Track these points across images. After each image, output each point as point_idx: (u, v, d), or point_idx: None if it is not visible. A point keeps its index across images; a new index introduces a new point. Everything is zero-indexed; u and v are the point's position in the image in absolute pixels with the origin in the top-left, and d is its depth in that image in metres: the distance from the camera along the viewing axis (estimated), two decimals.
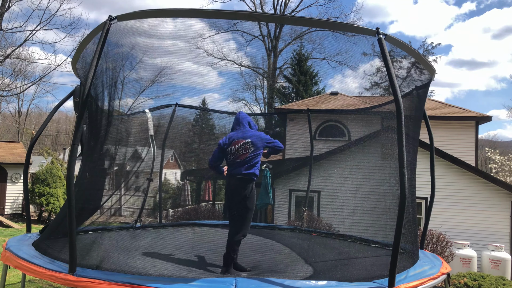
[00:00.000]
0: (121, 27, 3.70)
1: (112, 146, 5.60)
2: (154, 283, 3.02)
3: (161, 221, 7.35)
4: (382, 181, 4.92)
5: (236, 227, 4.25)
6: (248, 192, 4.24)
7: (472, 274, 8.05)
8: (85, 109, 3.79)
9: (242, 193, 4.22)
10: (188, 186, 13.19)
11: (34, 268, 3.44)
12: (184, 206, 12.43)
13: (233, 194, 4.30)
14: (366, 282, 3.26)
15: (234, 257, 4.25)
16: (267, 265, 4.21)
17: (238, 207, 4.26)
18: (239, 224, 4.24)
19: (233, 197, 4.30)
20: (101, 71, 4.22)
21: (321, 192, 10.46)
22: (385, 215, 4.55)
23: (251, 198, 4.27)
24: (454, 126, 14.30)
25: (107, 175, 5.57)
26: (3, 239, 10.29)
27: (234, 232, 4.23)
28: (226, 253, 4.19)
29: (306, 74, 23.56)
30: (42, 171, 16.19)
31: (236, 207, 4.28)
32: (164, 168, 7.52)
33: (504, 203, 11.02)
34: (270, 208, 12.45)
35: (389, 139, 4.83)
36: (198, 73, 5.14)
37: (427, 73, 4.62)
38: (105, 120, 4.59)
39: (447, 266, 4.27)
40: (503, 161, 22.67)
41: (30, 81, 24.15)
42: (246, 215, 4.24)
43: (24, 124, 36.94)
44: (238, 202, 4.25)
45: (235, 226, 4.28)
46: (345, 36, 4.10)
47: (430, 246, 9.16)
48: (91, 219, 5.24)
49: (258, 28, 25.43)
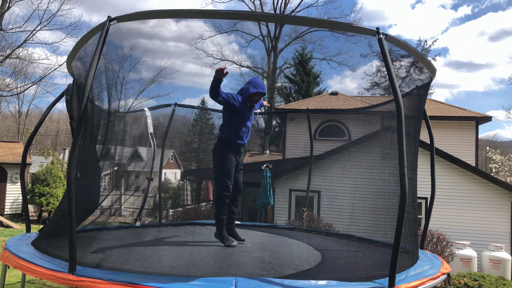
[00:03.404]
0: (123, 29, 3.72)
1: (109, 145, 5.60)
2: (154, 282, 3.01)
3: (161, 221, 7.35)
4: (382, 181, 4.92)
5: (214, 185, 4.75)
6: (214, 150, 4.70)
7: (472, 274, 8.05)
8: (85, 108, 3.79)
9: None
10: (188, 186, 13.20)
11: (34, 268, 3.44)
12: (184, 206, 12.44)
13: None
14: (366, 282, 3.26)
15: (223, 219, 4.58)
16: (267, 265, 4.20)
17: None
18: (214, 181, 4.74)
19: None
20: (101, 71, 4.23)
21: (321, 192, 10.47)
22: (385, 215, 4.55)
23: (215, 156, 4.67)
24: (454, 126, 14.30)
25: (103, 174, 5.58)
26: (3, 239, 10.29)
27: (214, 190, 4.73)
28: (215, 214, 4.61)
29: (309, 74, 23.60)
30: (42, 171, 16.20)
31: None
32: (164, 167, 7.52)
33: (504, 203, 11.02)
34: (270, 208, 12.46)
35: (389, 138, 4.83)
36: (198, 73, 5.14)
37: (428, 73, 4.61)
38: (103, 119, 4.60)
39: (447, 266, 4.26)
40: (504, 161, 22.67)
41: (30, 82, 24.17)
42: (215, 172, 4.64)
43: (24, 124, 36.93)
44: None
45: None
46: (345, 36, 4.11)
47: (430, 246, 9.16)
48: (90, 219, 5.24)
49: (258, 28, 25.44)
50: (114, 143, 5.95)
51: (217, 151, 4.65)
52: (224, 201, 4.55)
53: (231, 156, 4.59)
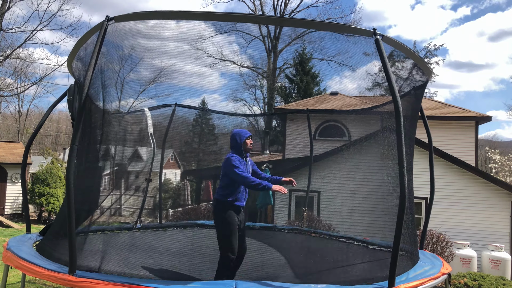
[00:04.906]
0: (122, 29, 3.71)
1: (109, 145, 5.59)
2: (154, 284, 3.02)
3: (161, 221, 7.35)
4: (381, 181, 4.92)
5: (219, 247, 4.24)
6: (215, 213, 4.34)
7: (472, 274, 8.05)
8: (84, 109, 3.78)
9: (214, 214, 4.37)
10: (188, 186, 13.18)
11: (35, 268, 3.44)
12: (184, 206, 12.44)
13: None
14: (366, 285, 3.24)
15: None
16: (266, 267, 4.20)
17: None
18: (219, 244, 4.23)
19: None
20: (101, 71, 4.22)
21: (321, 192, 10.46)
22: (385, 216, 4.55)
23: (217, 218, 4.33)
24: (454, 126, 14.29)
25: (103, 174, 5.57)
26: (3, 239, 10.29)
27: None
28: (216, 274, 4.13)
29: (308, 74, 23.61)
30: (42, 171, 16.19)
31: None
32: (164, 168, 7.52)
33: (504, 203, 11.02)
34: (270, 208, 12.45)
35: (387, 139, 4.83)
36: (198, 74, 5.14)
37: (424, 74, 4.62)
38: (103, 119, 4.59)
39: (448, 266, 4.27)
40: (503, 161, 22.67)
41: (30, 82, 24.16)
42: (218, 234, 4.25)
43: (24, 124, 36.91)
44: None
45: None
46: (345, 37, 4.11)
47: (430, 246, 9.16)
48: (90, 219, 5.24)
49: (258, 28, 25.45)
50: (114, 143, 5.94)
51: (218, 213, 4.35)
52: (229, 265, 4.12)
53: (233, 216, 4.31)
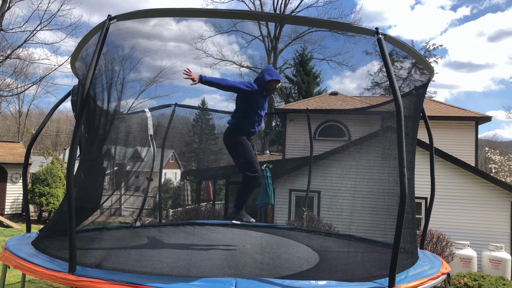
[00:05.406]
0: (124, 28, 3.71)
1: (111, 146, 5.60)
2: (154, 283, 3.01)
3: (161, 221, 7.36)
4: (382, 181, 4.92)
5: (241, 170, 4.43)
6: (228, 139, 4.50)
7: (472, 274, 8.05)
8: (84, 109, 3.79)
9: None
10: (188, 186, 13.18)
11: (34, 268, 3.44)
12: (184, 206, 12.44)
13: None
14: (366, 282, 3.26)
15: (247, 199, 4.46)
16: (267, 265, 4.20)
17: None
18: (239, 167, 4.45)
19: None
20: (101, 71, 4.22)
21: (321, 192, 10.46)
22: (385, 215, 4.56)
23: (230, 144, 4.49)
24: (454, 126, 14.30)
25: (105, 174, 5.57)
26: (3, 239, 10.29)
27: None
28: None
29: (309, 74, 23.64)
30: (42, 171, 16.19)
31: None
32: (164, 168, 7.52)
33: (504, 203, 11.02)
34: (270, 208, 12.45)
35: (388, 139, 4.83)
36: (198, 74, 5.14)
37: (426, 73, 4.62)
38: (104, 119, 4.59)
39: (447, 266, 4.27)
40: (503, 161, 22.68)
41: (31, 82, 24.16)
42: (236, 158, 4.43)
43: (24, 124, 36.92)
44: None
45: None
46: (345, 37, 4.11)
47: (430, 246, 9.16)
48: (91, 219, 5.24)
49: (258, 28, 25.46)
50: (115, 143, 5.95)
51: (230, 137, 4.44)
52: (252, 185, 4.33)
53: (246, 139, 4.41)
